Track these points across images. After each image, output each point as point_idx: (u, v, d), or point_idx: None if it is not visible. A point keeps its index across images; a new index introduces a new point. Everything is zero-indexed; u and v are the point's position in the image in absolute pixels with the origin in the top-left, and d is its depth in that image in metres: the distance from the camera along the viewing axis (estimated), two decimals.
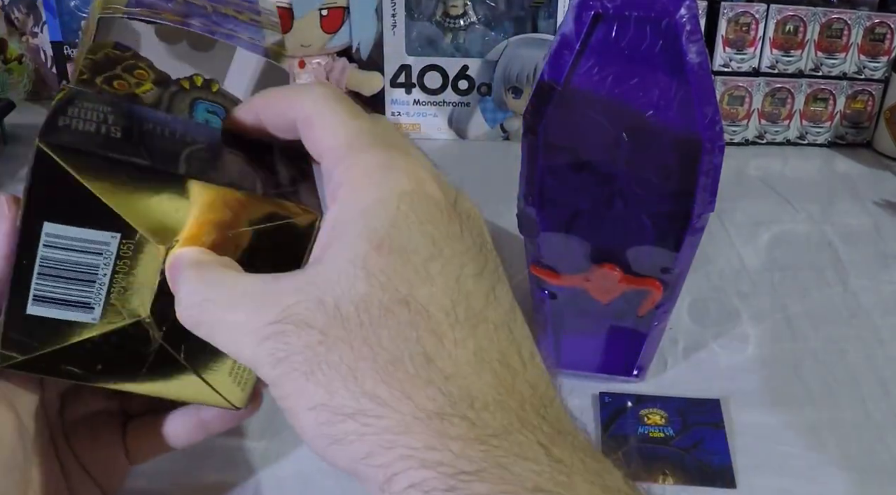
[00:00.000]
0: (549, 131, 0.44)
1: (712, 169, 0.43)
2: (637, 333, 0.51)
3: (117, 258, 0.33)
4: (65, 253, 0.32)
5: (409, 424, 0.25)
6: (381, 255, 0.27)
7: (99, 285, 0.33)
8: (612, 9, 0.41)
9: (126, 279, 0.33)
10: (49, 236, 0.32)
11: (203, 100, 0.40)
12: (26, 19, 0.90)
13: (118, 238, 0.32)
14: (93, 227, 0.32)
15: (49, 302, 0.33)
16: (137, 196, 0.31)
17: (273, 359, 0.27)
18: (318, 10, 0.83)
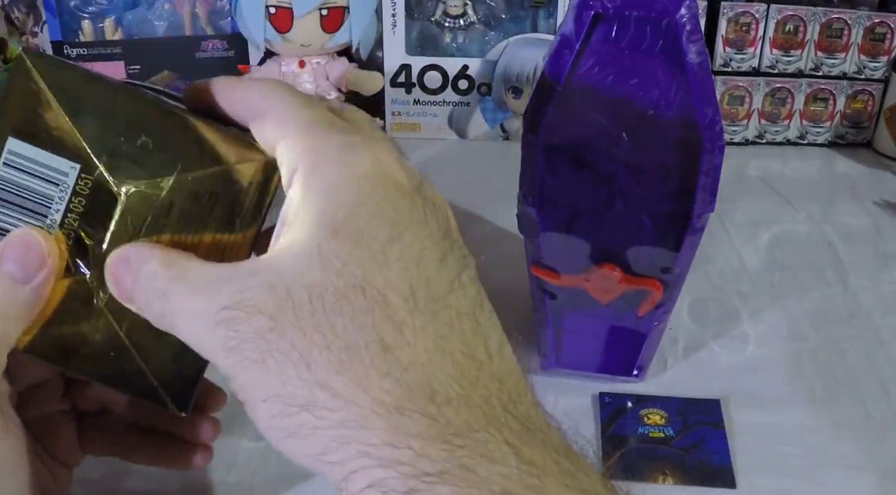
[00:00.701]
0: (549, 131, 0.44)
1: (712, 169, 0.43)
2: (637, 333, 0.51)
3: (73, 194, 0.31)
4: (23, 175, 0.31)
5: (365, 418, 0.24)
6: (336, 240, 0.26)
7: (50, 222, 0.32)
8: (612, 9, 0.41)
9: (78, 221, 0.32)
10: (11, 153, 0.31)
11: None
12: (26, 19, 0.90)
13: (77, 169, 0.31)
14: (54, 152, 0.31)
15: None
16: (103, 122, 0.31)
17: (226, 347, 0.26)
18: (318, 9, 0.83)
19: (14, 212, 0.32)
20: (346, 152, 0.28)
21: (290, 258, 0.26)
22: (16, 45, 0.89)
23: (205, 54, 0.86)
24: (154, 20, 0.87)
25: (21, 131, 0.31)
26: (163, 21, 0.87)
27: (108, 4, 0.86)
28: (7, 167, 0.31)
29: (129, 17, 0.87)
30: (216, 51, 0.86)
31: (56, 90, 0.30)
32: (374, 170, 0.27)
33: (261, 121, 0.30)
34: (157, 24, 0.87)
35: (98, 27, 0.87)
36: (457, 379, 0.25)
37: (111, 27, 0.87)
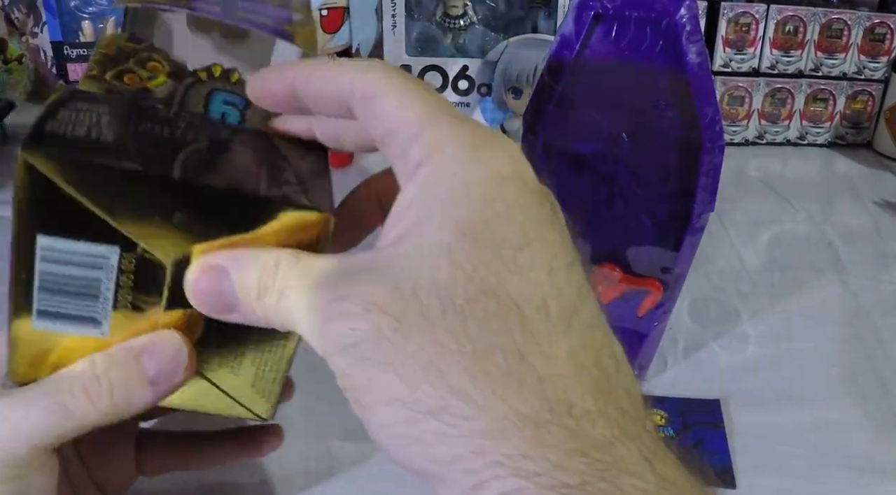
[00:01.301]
0: (549, 131, 0.44)
1: (712, 169, 0.43)
2: (637, 333, 0.51)
3: (119, 272, 0.31)
4: (63, 267, 0.30)
5: (500, 427, 0.22)
6: (467, 243, 0.24)
7: (104, 300, 0.31)
8: (612, 9, 0.41)
9: (132, 294, 0.31)
10: (44, 250, 0.30)
11: (220, 90, 0.37)
12: (26, 19, 0.90)
13: (117, 252, 0.30)
14: (88, 240, 0.30)
15: (52, 316, 0.31)
16: (132, 205, 0.29)
17: (340, 344, 0.25)
18: (318, 10, 0.83)
19: (67, 299, 0.31)
20: (478, 149, 0.26)
21: (415, 258, 0.24)
22: (16, 45, 0.89)
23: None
24: None
25: (49, 227, 0.29)
26: None
27: (108, 4, 0.86)
28: (45, 262, 0.30)
29: None
30: None
31: (75, 188, 0.29)
32: (506, 170, 0.25)
33: (370, 104, 0.27)
34: None
35: (98, 27, 0.87)
36: (592, 392, 0.24)
37: (111, 27, 0.87)
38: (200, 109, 0.35)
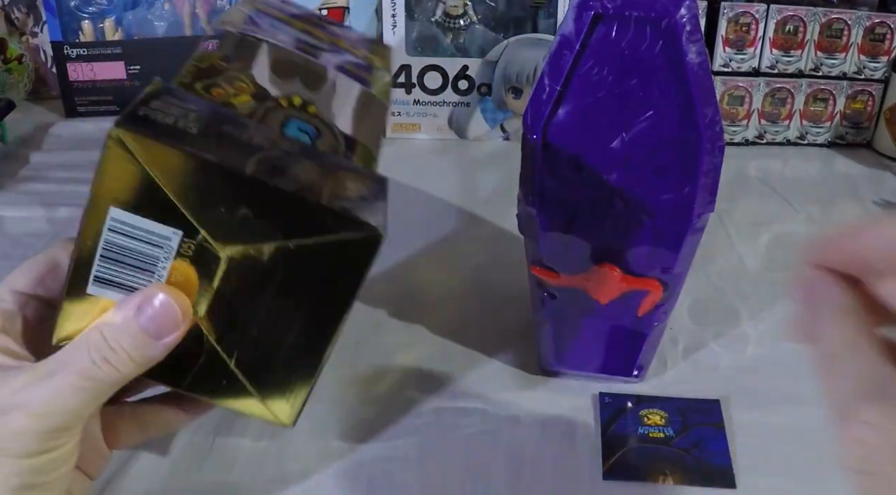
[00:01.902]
0: (549, 131, 0.44)
1: (712, 169, 0.43)
2: (637, 333, 0.51)
3: (177, 255, 0.33)
4: (127, 240, 0.33)
5: None
6: None
7: (158, 277, 0.34)
8: (612, 9, 0.41)
9: (182, 273, 0.34)
10: (114, 221, 0.32)
11: (297, 118, 0.40)
12: (26, 19, 0.90)
13: (180, 235, 0.33)
14: (156, 220, 0.32)
15: (108, 284, 0.34)
16: (202, 194, 0.32)
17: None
18: (318, 9, 0.83)
19: (124, 269, 0.33)
20: None
21: None
22: (16, 45, 0.89)
23: None
24: (154, 20, 0.87)
25: (122, 201, 0.32)
26: (163, 21, 0.87)
27: (108, 4, 0.86)
28: (112, 232, 0.32)
29: (129, 18, 0.87)
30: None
31: (155, 168, 0.31)
32: None
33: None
34: (157, 25, 0.87)
35: (98, 27, 0.87)
36: None
37: (111, 27, 0.87)
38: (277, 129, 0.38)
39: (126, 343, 0.34)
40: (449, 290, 0.64)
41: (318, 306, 0.35)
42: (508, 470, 0.48)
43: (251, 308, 0.35)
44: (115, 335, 0.34)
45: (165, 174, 0.31)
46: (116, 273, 0.33)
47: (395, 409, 0.52)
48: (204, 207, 0.32)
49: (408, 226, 0.73)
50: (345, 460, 0.48)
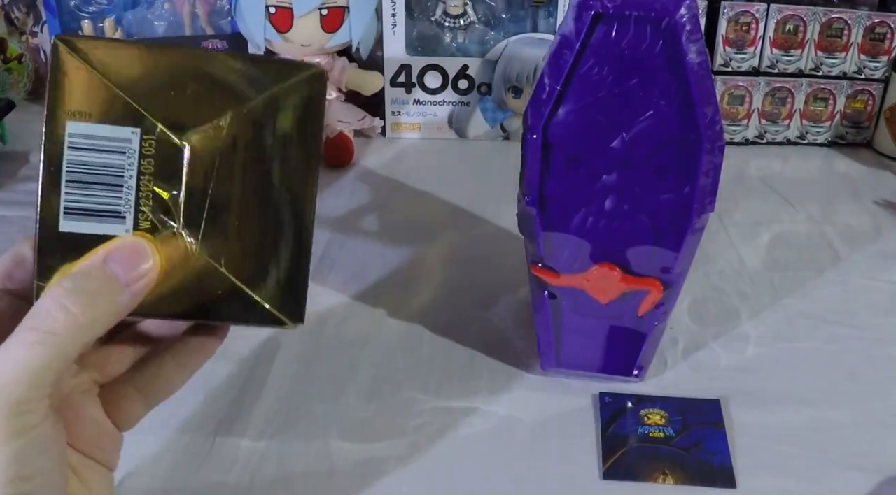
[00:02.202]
0: (549, 131, 0.44)
1: (712, 169, 0.43)
2: (637, 333, 0.51)
3: (140, 157, 0.33)
4: (89, 154, 0.32)
5: None
6: None
7: (127, 189, 0.33)
8: (612, 9, 0.41)
9: (153, 181, 0.33)
10: (73, 136, 0.32)
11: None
12: (26, 19, 0.90)
13: (138, 133, 0.33)
14: (112, 123, 0.32)
15: (80, 213, 0.33)
16: (150, 82, 0.32)
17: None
18: (318, 9, 0.83)
19: (92, 190, 0.33)
20: None
21: None
22: (16, 44, 0.89)
23: None
24: (154, 20, 0.87)
25: (76, 113, 0.32)
26: (163, 21, 0.87)
27: (108, 4, 0.86)
28: (73, 150, 0.32)
29: (129, 17, 0.87)
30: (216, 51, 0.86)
31: (97, 65, 0.32)
32: None
33: None
34: (157, 24, 0.87)
35: (98, 27, 0.87)
36: None
37: (111, 27, 0.87)
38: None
39: (91, 287, 0.31)
40: (449, 290, 0.64)
41: (289, 170, 0.35)
42: (508, 470, 0.48)
43: (225, 196, 0.34)
44: (77, 281, 0.31)
45: (112, 70, 0.32)
46: (86, 197, 0.33)
47: (395, 409, 0.52)
48: (154, 97, 0.33)
49: (408, 225, 0.73)
50: (345, 460, 0.48)
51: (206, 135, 0.33)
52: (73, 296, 0.31)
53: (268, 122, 0.34)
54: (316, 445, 0.49)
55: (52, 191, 0.32)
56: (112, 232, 0.33)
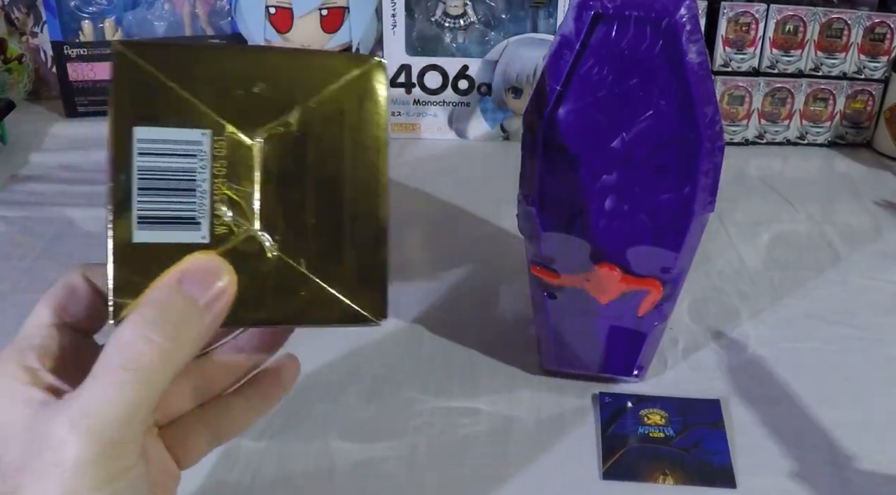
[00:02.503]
0: (549, 131, 0.44)
1: (712, 169, 0.43)
2: (637, 333, 0.51)
3: (212, 159, 0.32)
4: (159, 159, 0.31)
5: None
6: None
7: (200, 194, 0.32)
8: (612, 9, 0.41)
9: (226, 184, 0.32)
10: (141, 142, 0.31)
11: None
12: (26, 19, 0.90)
13: (209, 135, 0.32)
14: (181, 126, 0.31)
15: (154, 222, 0.32)
16: (216, 83, 0.32)
17: None
18: (318, 9, 0.83)
19: (165, 197, 0.32)
20: None
21: None
22: (16, 45, 0.89)
23: None
24: (154, 20, 0.87)
25: (143, 117, 0.31)
26: (163, 21, 0.87)
27: (108, 4, 0.86)
28: (143, 156, 0.31)
29: (129, 18, 0.87)
30: None
31: (162, 69, 0.31)
32: None
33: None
34: (157, 25, 0.87)
35: (98, 27, 0.87)
36: None
37: (111, 27, 0.87)
38: None
39: (172, 314, 0.30)
40: (449, 290, 0.64)
41: (358, 163, 0.34)
42: (508, 470, 0.48)
43: (299, 193, 0.34)
44: (157, 309, 0.30)
45: (176, 72, 0.31)
46: (159, 204, 0.32)
47: (395, 409, 0.52)
48: (222, 97, 0.32)
49: (408, 225, 0.73)
50: (345, 460, 0.48)
51: (275, 133, 0.33)
52: (155, 326, 0.30)
53: (335, 116, 0.34)
54: (316, 445, 0.49)
55: (123, 200, 0.31)
56: (188, 239, 0.32)
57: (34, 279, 0.63)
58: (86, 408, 0.29)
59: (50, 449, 0.28)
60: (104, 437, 0.28)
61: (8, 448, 0.30)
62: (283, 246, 0.33)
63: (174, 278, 0.31)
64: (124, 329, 0.30)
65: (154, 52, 0.31)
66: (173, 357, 0.30)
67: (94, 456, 0.28)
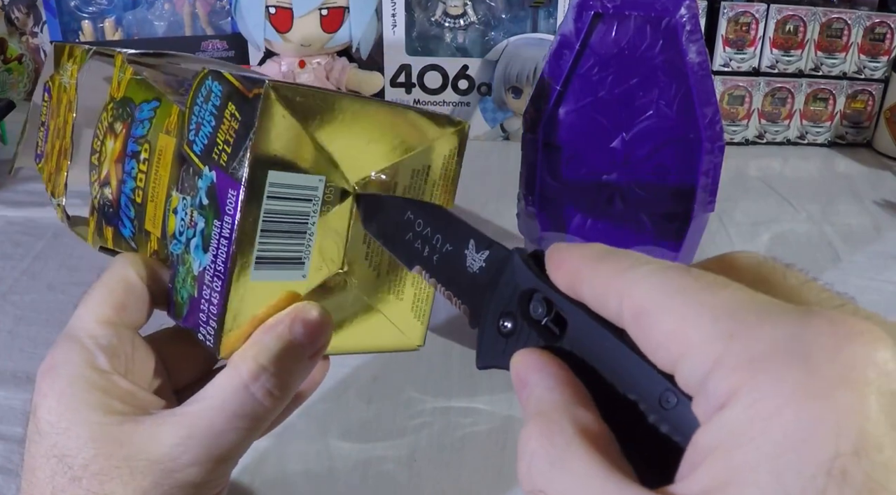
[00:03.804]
0: (549, 131, 0.44)
1: (712, 169, 0.43)
2: None
3: (322, 203, 0.34)
4: (284, 203, 0.32)
5: None
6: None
7: (308, 236, 0.34)
8: (612, 9, 0.41)
9: (324, 226, 0.34)
10: (273, 186, 0.32)
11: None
12: (26, 19, 0.90)
13: (324, 181, 0.33)
14: (306, 172, 0.33)
15: (268, 263, 0.33)
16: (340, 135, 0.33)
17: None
18: (318, 9, 0.83)
19: (282, 239, 0.33)
20: (816, 355, 0.19)
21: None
22: (16, 44, 0.89)
23: (205, 54, 0.86)
24: (154, 20, 0.87)
25: (278, 162, 0.32)
26: (163, 21, 0.87)
27: (108, 4, 0.86)
28: (271, 199, 0.32)
29: (129, 18, 0.87)
30: (216, 51, 0.86)
31: (302, 115, 0.32)
32: (844, 446, 0.18)
33: (648, 326, 0.21)
34: (157, 24, 0.87)
35: (98, 27, 0.87)
36: None
37: (111, 27, 0.87)
38: None
39: (289, 366, 0.31)
40: None
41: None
42: (508, 470, 0.48)
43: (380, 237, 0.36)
44: (278, 363, 0.31)
45: (309, 119, 0.32)
46: (275, 246, 0.33)
47: (395, 409, 0.52)
48: (342, 148, 0.33)
49: None
50: (345, 460, 0.48)
51: (375, 182, 0.35)
52: (276, 378, 0.31)
53: (422, 171, 0.36)
54: (316, 445, 0.49)
55: (248, 241, 0.32)
56: (291, 278, 0.34)
57: (34, 279, 0.63)
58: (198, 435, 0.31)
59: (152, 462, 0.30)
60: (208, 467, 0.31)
61: (82, 451, 0.31)
62: (361, 284, 0.36)
63: (297, 330, 0.32)
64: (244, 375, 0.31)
65: (295, 96, 0.32)
66: (283, 405, 0.33)
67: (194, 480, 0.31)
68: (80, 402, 0.31)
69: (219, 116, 0.32)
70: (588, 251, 0.24)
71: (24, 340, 0.56)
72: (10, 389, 0.51)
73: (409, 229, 0.33)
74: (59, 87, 0.46)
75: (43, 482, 0.31)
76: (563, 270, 0.25)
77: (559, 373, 0.24)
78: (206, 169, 0.32)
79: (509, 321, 0.27)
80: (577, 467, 0.21)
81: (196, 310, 0.33)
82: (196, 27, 0.86)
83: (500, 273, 0.28)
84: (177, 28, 0.86)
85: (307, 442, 0.49)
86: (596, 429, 0.22)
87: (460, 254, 0.30)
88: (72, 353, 0.32)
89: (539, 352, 0.25)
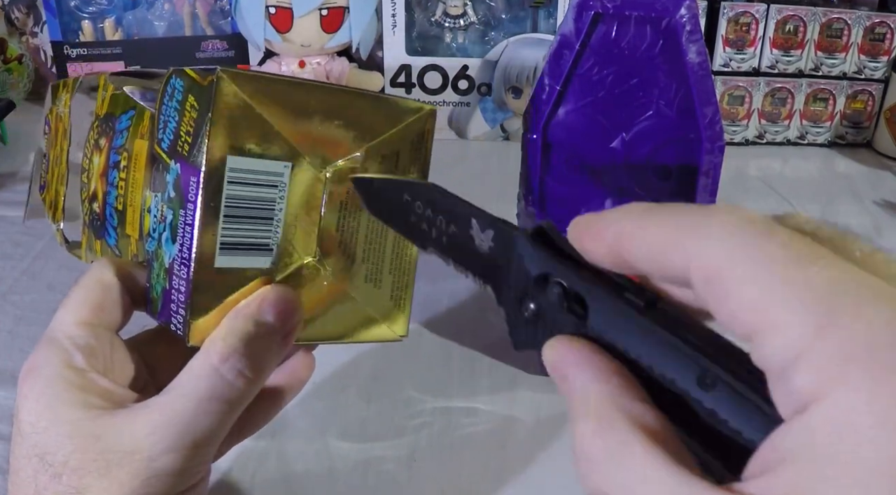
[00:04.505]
0: (549, 131, 0.44)
1: (712, 169, 0.43)
2: None
3: (290, 190, 0.34)
4: (246, 188, 0.33)
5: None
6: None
7: (276, 222, 0.34)
8: (612, 9, 0.41)
9: (293, 213, 0.34)
10: (232, 171, 0.32)
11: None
12: (26, 19, 0.90)
13: (289, 168, 0.33)
14: (268, 158, 0.33)
15: (234, 248, 0.33)
16: (301, 120, 0.33)
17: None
18: (318, 9, 0.83)
19: (247, 225, 0.33)
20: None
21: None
22: (16, 45, 0.89)
23: (205, 54, 0.86)
24: (154, 20, 0.87)
25: (236, 147, 0.32)
26: (163, 21, 0.87)
27: (108, 4, 0.86)
28: (232, 184, 0.32)
29: (129, 17, 0.87)
30: (216, 51, 0.86)
31: (258, 101, 0.32)
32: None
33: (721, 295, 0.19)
34: (157, 24, 0.87)
35: (98, 27, 0.87)
36: None
37: (111, 27, 0.87)
38: None
39: (261, 348, 0.32)
40: (448, 290, 0.64)
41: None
42: (508, 471, 0.48)
43: (354, 224, 0.36)
44: (248, 344, 0.32)
45: (268, 106, 0.32)
46: (240, 231, 0.33)
47: (395, 409, 0.52)
48: (304, 132, 0.33)
49: None
50: (345, 460, 0.48)
51: (343, 169, 0.35)
52: (247, 360, 0.31)
53: (391, 156, 0.37)
54: (316, 445, 0.49)
55: (210, 226, 0.32)
56: (258, 264, 0.34)
57: (34, 279, 0.63)
58: (170, 422, 0.31)
59: (127, 453, 0.30)
60: (185, 453, 0.31)
61: (61, 448, 0.31)
62: (336, 272, 0.36)
63: (266, 310, 0.33)
64: (213, 357, 0.31)
65: (250, 82, 0.32)
66: (256, 388, 0.32)
67: (172, 468, 0.31)
68: (58, 401, 0.31)
69: (181, 110, 0.32)
70: (630, 210, 0.22)
71: (24, 340, 0.56)
72: (10, 389, 0.51)
73: (410, 211, 0.33)
74: (55, 117, 0.47)
75: (26, 482, 0.31)
76: (602, 238, 0.22)
77: (599, 362, 0.22)
78: (173, 162, 0.33)
79: (531, 303, 0.27)
80: (637, 466, 0.20)
81: (168, 302, 0.33)
82: (196, 27, 0.86)
83: (510, 253, 0.28)
84: (177, 28, 0.86)
85: (307, 441, 0.49)
86: (651, 421, 0.21)
87: (466, 235, 0.31)
88: (51, 355, 0.33)
89: (571, 341, 0.24)
